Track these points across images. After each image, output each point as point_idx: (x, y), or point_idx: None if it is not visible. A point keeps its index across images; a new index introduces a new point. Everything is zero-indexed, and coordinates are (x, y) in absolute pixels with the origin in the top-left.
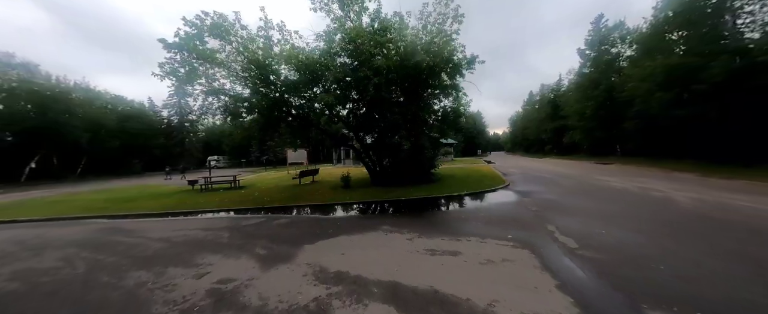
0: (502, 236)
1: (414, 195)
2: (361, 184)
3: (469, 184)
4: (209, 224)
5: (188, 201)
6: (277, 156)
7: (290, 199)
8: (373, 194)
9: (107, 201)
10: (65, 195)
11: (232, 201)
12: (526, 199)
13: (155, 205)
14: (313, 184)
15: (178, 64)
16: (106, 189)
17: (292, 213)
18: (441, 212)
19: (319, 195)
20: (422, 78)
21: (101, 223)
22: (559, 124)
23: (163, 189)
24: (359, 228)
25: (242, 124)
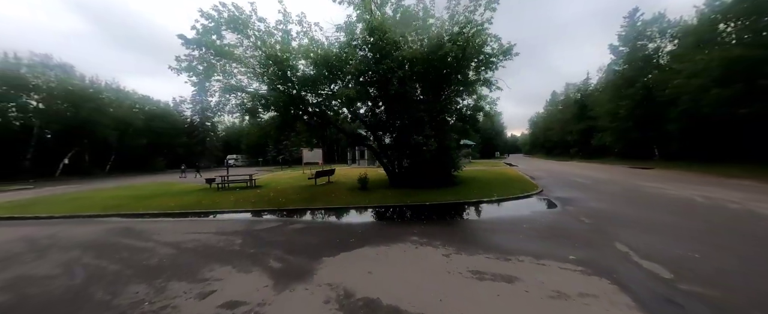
0: (562, 256)
1: (438, 199)
2: (379, 186)
3: (497, 189)
4: (222, 227)
5: (204, 201)
6: (293, 155)
7: (306, 201)
8: (394, 197)
9: (127, 198)
10: (90, 192)
11: (247, 201)
12: (570, 208)
13: (172, 204)
14: (328, 185)
15: (197, 62)
16: (130, 186)
17: (309, 217)
18: (473, 221)
19: (336, 197)
20: (448, 72)
21: (115, 223)
22: (587, 125)
23: (182, 187)
24: (384, 238)
25: (259, 123)
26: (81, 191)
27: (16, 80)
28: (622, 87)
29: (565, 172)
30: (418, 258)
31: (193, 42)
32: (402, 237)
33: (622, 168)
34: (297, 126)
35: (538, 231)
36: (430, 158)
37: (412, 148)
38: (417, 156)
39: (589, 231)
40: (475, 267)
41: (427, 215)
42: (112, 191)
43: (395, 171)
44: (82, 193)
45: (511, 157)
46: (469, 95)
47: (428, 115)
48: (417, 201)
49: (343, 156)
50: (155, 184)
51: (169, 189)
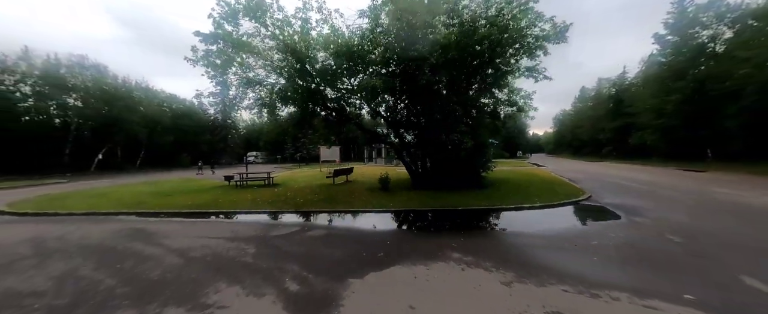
0: (674, 294)
1: (471, 203)
2: (401, 187)
3: (534, 193)
4: (236, 231)
5: (221, 199)
6: (310, 153)
7: (325, 202)
8: (419, 200)
9: (149, 194)
10: (117, 186)
11: (263, 201)
12: (640, 220)
13: (189, 202)
14: (347, 184)
15: (214, 56)
16: (154, 182)
17: (328, 220)
18: (523, 233)
19: (356, 198)
20: (480, 61)
21: (130, 222)
22: (623, 123)
23: (201, 184)
24: (419, 254)
25: (277, 119)
26: (109, 186)
27: (57, 80)
28: (670, 80)
29: (606, 174)
30: (469, 287)
31: (210, 38)
32: (441, 254)
33: (669, 171)
34: (315, 122)
35: (616, 252)
36: (460, 157)
37: (438, 146)
38: (442, 154)
39: (689, 255)
40: (555, 306)
41: (462, 223)
42: (137, 187)
43: (418, 170)
44: (109, 188)
45: (534, 157)
46: (500, 88)
47: (462, 109)
48: (447, 206)
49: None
50: (178, 181)
51: (190, 185)
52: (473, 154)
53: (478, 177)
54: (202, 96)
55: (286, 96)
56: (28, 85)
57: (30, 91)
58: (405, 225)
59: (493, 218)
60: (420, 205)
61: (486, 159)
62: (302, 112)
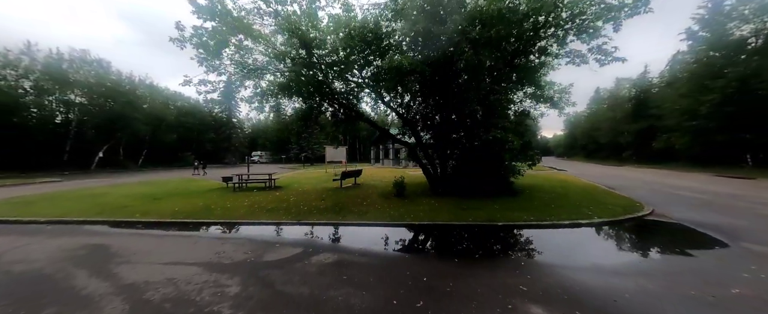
0: None
1: (512, 217)
2: (418, 192)
3: (580, 203)
4: (221, 253)
5: (214, 205)
6: (315, 153)
7: (333, 212)
8: (445, 210)
9: (139, 197)
10: (109, 187)
11: (262, 208)
12: (758, 249)
13: (178, 208)
14: (356, 188)
15: (207, 36)
16: (151, 181)
17: (338, 240)
18: (617, 271)
19: (369, 206)
20: (529, 38)
21: (97, 234)
22: (645, 125)
23: (199, 186)
24: (480, 306)
25: (280, 116)
26: (101, 186)
27: (58, 75)
28: (706, 78)
29: (644, 180)
30: None
31: (205, 11)
32: (513, 306)
33: (710, 177)
34: (321, 120)
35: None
36: (489, 159)
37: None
38: (471, 155)
39: None
40: None
41: (514, 246)
42: (130, 188)
43: (437, 174)
44: (99, 189)
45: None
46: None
47: (505, 100)
48: (482, 219)
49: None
50: (176, 181)
51: (187, 187)
52: (498, 155)
53: (508, 182)
54: (192, 83)
55: (289, 86)
56: (29, 81)
57: (29, 86)
58: (439, 248)
59: (549, 237)
60: (450, 218)
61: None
62: (308, 106)
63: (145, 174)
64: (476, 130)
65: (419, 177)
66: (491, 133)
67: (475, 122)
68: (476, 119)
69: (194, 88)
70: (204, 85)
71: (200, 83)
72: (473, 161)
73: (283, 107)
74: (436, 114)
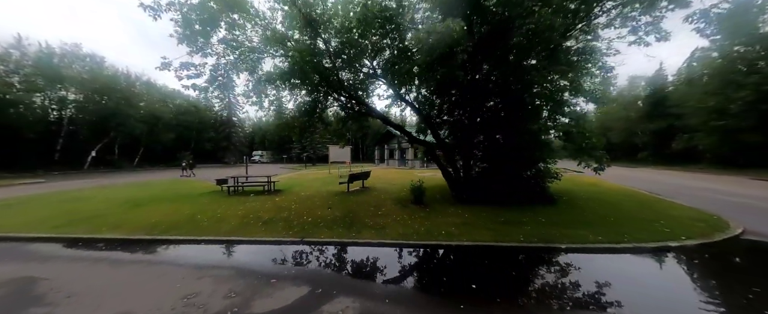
0: None
1: (569, 236)
2: (439, 199)
3: (638, 216)
4: (192, 295)
5: (202, 214)
6: (317, 153)
7: (343, 225)
8: (481, 226)
9: (118, 203)
10: (93, 189)
11: (257, 218)
12: None
13: (159, 217)
14: (365, 193)
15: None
16: (141, 183)
17: (358, 272)
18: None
19: (386, 217)
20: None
21: (40, 257)
22: (664, 125)
23: (189, 189)
24: None
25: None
26: (85, 188)
27: (49, 70)
28: (737, 74)
29: (677, 184)
30: None
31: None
32: None
33: (746, 180)
34: (325, 117)
35: None
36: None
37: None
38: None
39: None
40: None
41: (595, 282)
42: (115, 191)
43: (460, 177)
44: (80, 193)
45: None
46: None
47: (552, 91)
48: (536, 240)
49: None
50: (168, 183)
51: (177, 190)
52: (532, 155)
53: (542, 187)
54: (171, 66)
55: (292, 71)
56: (17, 76)
57: (17, 81)
58: (498, 286)
59: (643, 268)
60: (493, 237)
61: (600, 160)
62: (312, 99)
63: (139, 175)
64: (519, 125)
65: (434, 180)
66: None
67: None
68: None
69: (174, 73)
70: (186, 69)
71: (182, 67)
72: (503, 162)
73: (284, 102)
74: (463, 107)
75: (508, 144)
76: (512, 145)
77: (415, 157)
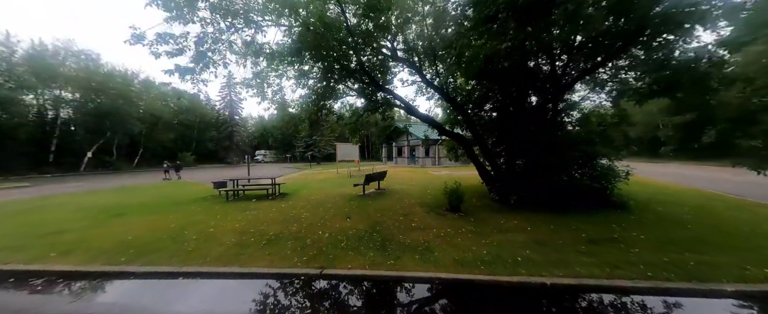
0: None
1: (716, 265)
2: (478, 205)
3: (738, 230)
4: None
5: (191, 230)
6: (322, 151)
7: (373, 245)
8: (562, 246)
9: (93, 212)
10: (70, 196)
11: (260, 234)
12: None
13: (138, 232)
14: (384, 197)
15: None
16: (130, 187)
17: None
18: None
19: (424, 232)
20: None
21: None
22: (692, 117)
23: (185, 194)
24: None
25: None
26: (67, 193)
27: (40, 67)
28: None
29: (754, 183)
30: None
31: None
32: None
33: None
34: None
35: None
36: (577, 158)
37: (540, 139)
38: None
39: None
40: None
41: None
42: (99, 197)
43: (502, 178)
44: (55, 200)
45: None
46: None
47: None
48: (671, 276)
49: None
50: (162, 186)
51: (170, 195)
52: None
53: (604, 191)
54: (145, 39)
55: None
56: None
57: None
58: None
59: None
60: (596, 268)
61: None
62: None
63: (137, 177)
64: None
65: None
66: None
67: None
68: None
69: (149, 49)
70: (164, 44)
71: (159, 40)
72: (556, 159)
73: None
74: (507, 93)
75: (560, 137)
76: (566, 139)
77: (426, 154)
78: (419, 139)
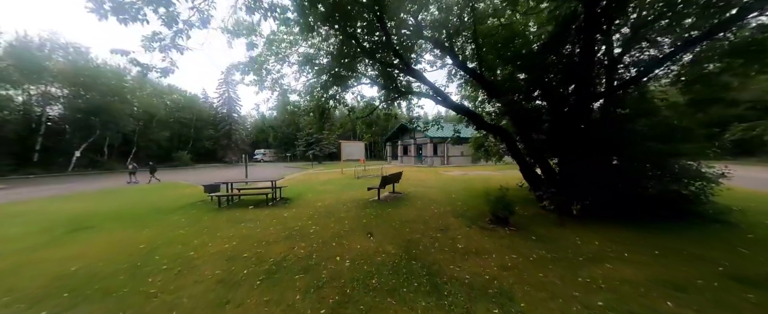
0: None
1: None
2: (524, 214)
3: None
4: None
5: (163, 253)
6: (323, 150)
7: (414, 281)
8: (700, 288)
9: (53, 225)
10: (41, 201)
11: (257, 258)
12: None
13: (93, 256)
14: (403, 203)
15: None
16: (113, 190)
17: None
18: None
19: (482, 261)
20: None
21: None
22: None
23: (173, 199)
24: None
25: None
26: (37, 198)
27: (24, 61)
28: None
29: None
30: None
31: None
32: None
33: None
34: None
35: None
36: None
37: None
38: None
39: None
40: None
41: None
42: (68, 203)
43: (559, 181)
44: (22, 207)
45: None
46: None
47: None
48: None
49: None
50: (149, 189)
51: (154, 201)
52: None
53: (685, 197)
54: (105, 4)
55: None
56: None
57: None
58: None
59: None
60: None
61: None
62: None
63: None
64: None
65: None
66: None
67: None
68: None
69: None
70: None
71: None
72: (630, 159)
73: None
74: (563, 82)
75: (631, 133)
76: (635, 135)
77: (434, 153)
78: (427, 137)
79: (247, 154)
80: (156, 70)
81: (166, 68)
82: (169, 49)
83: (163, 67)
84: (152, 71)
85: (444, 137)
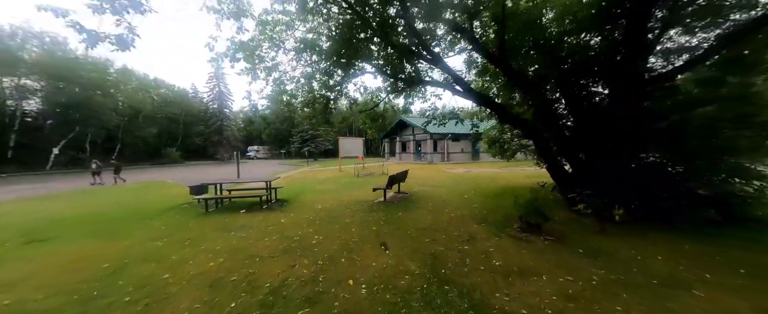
0: None
1: None
2: (560, 220)
3: None
4: None
5: (134, 272)
6: (319, 147)
7: (444, 311)
8: None
9: (18, 231)
10: (7, 204)
11: (247, 281)
12: None
13: (37, 284)
14: (411, 205)
15: None
16: (90, 190)
17: None
18: None
19: (525, 288)
20: None
21: None
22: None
23: (156, 202)
24: None
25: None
26: (2, 201)
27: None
28: None
29: None
30: None
31: None
32: None
33: None
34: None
35: None
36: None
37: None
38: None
39: None
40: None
41: None
42: (34, 206)
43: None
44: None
45: None
46: None
47: None
48: None
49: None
50: (132, 190)
51: (130, 206)
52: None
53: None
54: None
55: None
56: None
57: None
58: None
59: None
60: None
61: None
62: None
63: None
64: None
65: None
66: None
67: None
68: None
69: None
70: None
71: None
72: (678, 156)
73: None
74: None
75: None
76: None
77: (434, 149)
78: (428, 133)
79: (240, 151)
80: (110, 40)
81: (123, 36)
82: (124, 10)
83: (118, 35)
84: (104, 41)
85: (444, 133)
